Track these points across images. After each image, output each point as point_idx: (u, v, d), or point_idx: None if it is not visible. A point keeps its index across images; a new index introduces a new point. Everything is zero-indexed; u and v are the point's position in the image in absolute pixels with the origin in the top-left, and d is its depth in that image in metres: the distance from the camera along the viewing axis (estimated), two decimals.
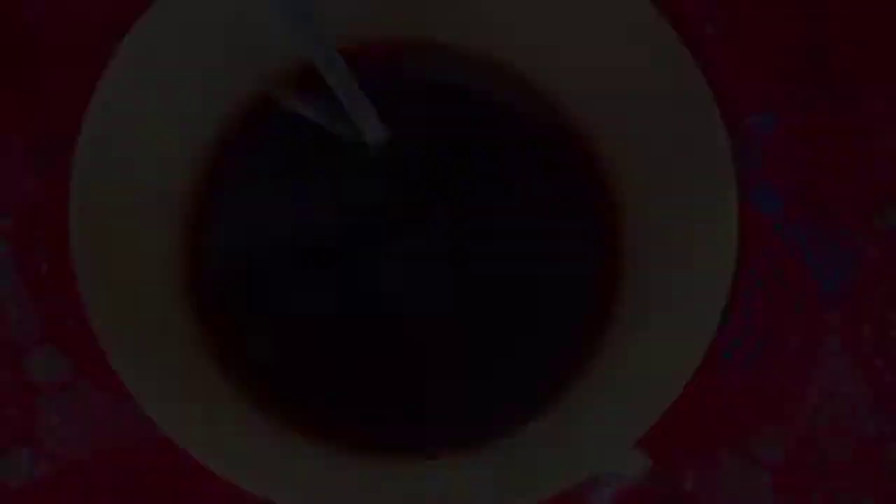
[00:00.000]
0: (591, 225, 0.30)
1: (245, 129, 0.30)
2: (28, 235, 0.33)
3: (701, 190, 0.26)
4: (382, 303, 0.29)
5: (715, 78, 0.36)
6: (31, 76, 0.35)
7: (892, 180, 0.35)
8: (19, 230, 0.33)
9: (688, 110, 0.27)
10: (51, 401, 0.31)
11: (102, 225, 0.27)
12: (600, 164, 0.31)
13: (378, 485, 0.26)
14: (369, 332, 0.28)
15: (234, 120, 0.30)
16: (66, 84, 0.35)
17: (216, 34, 0.29)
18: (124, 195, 0.27)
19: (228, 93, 0.30)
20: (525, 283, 0.29)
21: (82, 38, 0.35)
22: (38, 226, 0.33)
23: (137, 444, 0.31)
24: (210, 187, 0.30)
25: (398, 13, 0.30)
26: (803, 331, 0.33)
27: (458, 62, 0.31)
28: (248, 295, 0.28)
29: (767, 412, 0.32)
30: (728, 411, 0.32)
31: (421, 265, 0.30)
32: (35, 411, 0.31)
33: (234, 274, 0.29)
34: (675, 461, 0.32)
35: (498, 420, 0.28)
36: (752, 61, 0.36)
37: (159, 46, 0.28)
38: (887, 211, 0.35)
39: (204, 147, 0.30)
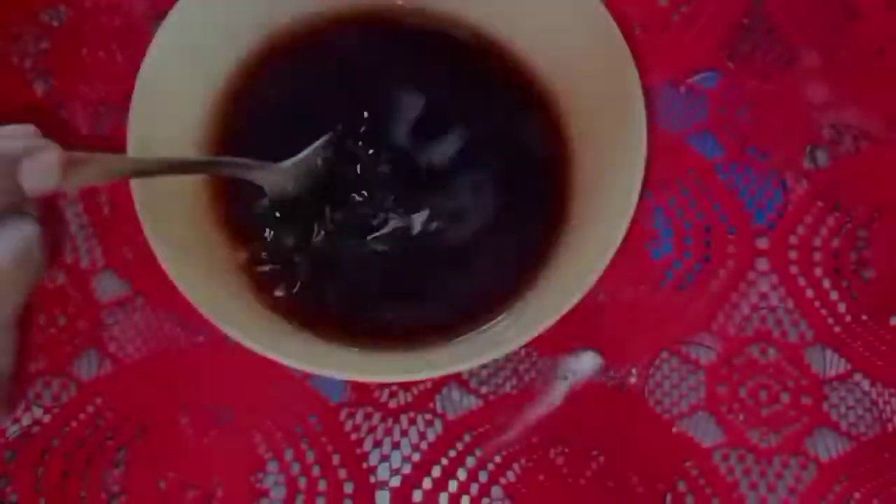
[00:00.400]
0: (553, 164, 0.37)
1: (250, 81, 0.37)
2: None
3: (623, 131, 0.32)
4: (377, 229, 0.36)
5: (665, 42, 0.42)
6: (87, 55, 0.42)
7: (820, 127, 0.41)
8: None
9: (618, 74, 0.33)
10: (112, 315, 0.38)
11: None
12: (560, 118, 0.37)
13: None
14: (369, 258, 0.35)
15: (241, 75, 0.37)
16: (115, 60, 0.42)
17: (236, 17, 0.36)
18: (166, 145, 0.34)
19: (242, 62, 0.37)
20: (503, 213, 0.36)
21: (127, 20, 0.42)
22: None
23: (179, 347, 0.38)
24: (221, 134, 0.37)
25: None
26: (736, 254, 0.39)
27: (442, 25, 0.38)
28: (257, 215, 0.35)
29: (703, 321, 0.38)
30: (669, 321, 0.38)
31: (412, 206, 0.36)
32: (100, 323, 0.38)
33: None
34: (623, 361, 0.38)
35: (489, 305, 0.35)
36: (698, 25, 0.42)
37: (187, 28, 0.35)
38: (815, 153, 0.41)
39: (219, 102, 0.37)
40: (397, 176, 0.36)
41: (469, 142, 0.36)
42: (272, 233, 0.35)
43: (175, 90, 0.35)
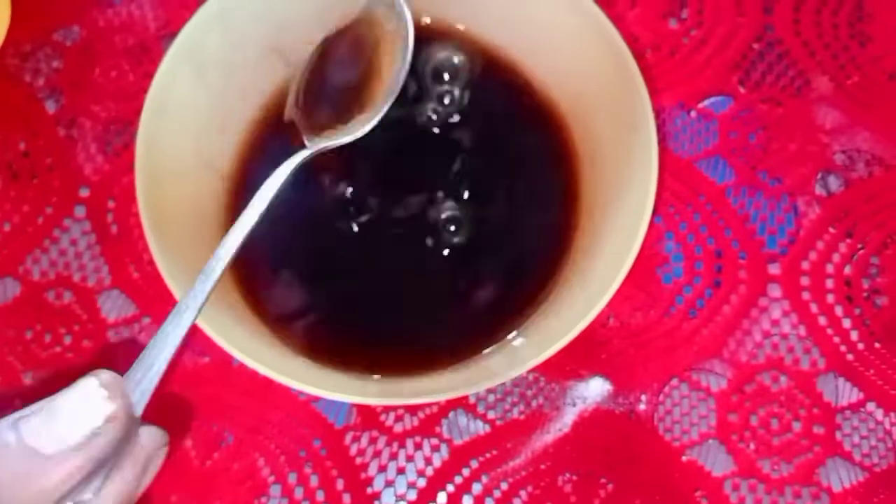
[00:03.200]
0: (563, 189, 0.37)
1: (270, 111, 0.37)
2: (101, 202, 0.40)
3: (633, 154, 0.32)
4: (390, 258, 0.35)
5: (676, 64, 0.41)
6: (99, 74, 0.42)
7: (833, 152, 0.40)
8: (94, 198, 0.40)
9: (629, 97, 0.33)
10: (118, 334, 0.38)
11: (159, 189, 0.33)
12: (569, 140, 0.37)
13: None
14: (378, 287, 0.35)
15: (263, 105, 0.37)
16: (126, 79, 0.42)
17: (247, 37, 0.36)
18: (176, 163, 0.34)
19: (257, 84, 0.37)
20: (515, 232, 0.36)
21: (140, 39, 0.42)
22: (109, 194, 0.40)
23: (184, 368, 0.38)
24: (240, 155, 0.36)
25: None
26: (748, 280, 0.39)
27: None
28: (272, 248, 0.35)
29: (714, 348, 0.38)
30: (680, 347, 0.38)
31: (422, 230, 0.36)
32: (106, 342, 0.38)
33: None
34: (632, 387, 0.37)
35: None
36: (709, 50, 0.42)
37: (200, 47, 0.35)
38: (828, 179, 0.40)
39: (236, 124, 0.37)
40: (405, 198, 0.36)
41: (478, 164, 0.36)
42: (281, 257, 0.35)
43: (185, 110, 0.35)
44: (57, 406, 0.23)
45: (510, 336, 0.34)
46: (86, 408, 0.23)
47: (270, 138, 0.37)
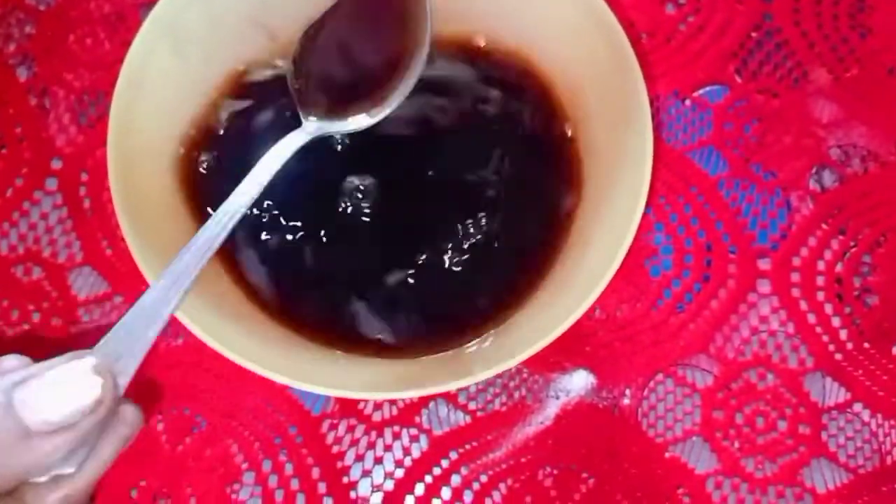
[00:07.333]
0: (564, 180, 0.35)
1: (241, 87, 0.36)
2: (74, 175, 0.39)
3: (628, 143, 0.31)
4: (378, 233, 0.34)
5: (671, 51, 0.40)
6: (73, 41, 0.40)
7: (828, 146, 0.40)
8: (67, 170, 0.39)
9: (624, 83, 0.32)
10: (88, 312, 0.37)
11: (131, 163, 0.32)
12: (564, 129, 0.36)
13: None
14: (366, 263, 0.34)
15: (233, 79, 0.36)
16: (102, 48, 0.40)
17: (229, 10, 0.35)
18: (150, 140, 0.33)
19: (239, 59, 0.36)
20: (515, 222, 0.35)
21: (117, 7, 0.41)
22: (82, 167, 0.39)
23: (157, 349, 0.36)
24: (218, 132, 0.35)
25: None
26: (737, 275, 0.38)
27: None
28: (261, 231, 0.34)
29: (701, 343, 0.37)
30: (666, 341, 0.37)
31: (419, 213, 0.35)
32: (76, 321, 0.37)
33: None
34: (617, 381, 0.36)
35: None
36: (706, 37, 0.41)
37: (180, 18, 0.33)
38: (822, 174, 0.39)
39: (207, 99, 0.35)
40: (394, 187, 0.35)
41: (471, 155, 0.35)
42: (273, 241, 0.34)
43: (162, 85, 0.33)
44: (46, 385, 0.22)
45: (502, 327, 0.33)
46: (75, 391, 0.23)
47: (252, 116, 0.36)
